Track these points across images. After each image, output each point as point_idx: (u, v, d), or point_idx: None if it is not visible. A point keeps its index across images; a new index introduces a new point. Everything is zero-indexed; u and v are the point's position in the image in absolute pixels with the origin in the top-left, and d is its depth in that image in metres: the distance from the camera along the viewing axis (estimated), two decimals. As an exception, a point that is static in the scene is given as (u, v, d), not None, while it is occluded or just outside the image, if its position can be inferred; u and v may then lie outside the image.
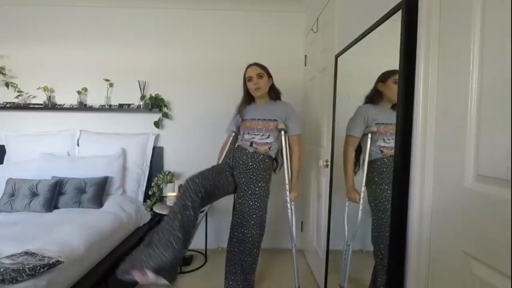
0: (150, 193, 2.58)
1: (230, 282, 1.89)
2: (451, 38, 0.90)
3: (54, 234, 1.67)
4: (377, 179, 1.36)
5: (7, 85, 2.67)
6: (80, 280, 1.55)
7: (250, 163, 1.85)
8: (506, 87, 0.71)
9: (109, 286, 1.72)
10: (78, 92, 2.69)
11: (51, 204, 2.19)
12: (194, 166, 2.66)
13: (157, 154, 2.79)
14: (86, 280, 1.57)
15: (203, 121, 2.77)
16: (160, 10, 2.75)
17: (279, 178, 2.03)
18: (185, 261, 2.49)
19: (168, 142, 2.84)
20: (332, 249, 1.85)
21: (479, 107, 0.79)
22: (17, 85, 2.71)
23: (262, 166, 1.87)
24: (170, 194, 2.49)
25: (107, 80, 2.71)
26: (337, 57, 1.78)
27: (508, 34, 0.70)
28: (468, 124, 0.82)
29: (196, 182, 1.66)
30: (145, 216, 2.48)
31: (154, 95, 2.70)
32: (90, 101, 2.77)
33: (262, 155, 1.87)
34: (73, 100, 2.71)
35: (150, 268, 1.40)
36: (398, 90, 1.09)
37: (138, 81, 2.73)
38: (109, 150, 2.59)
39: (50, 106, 2.68)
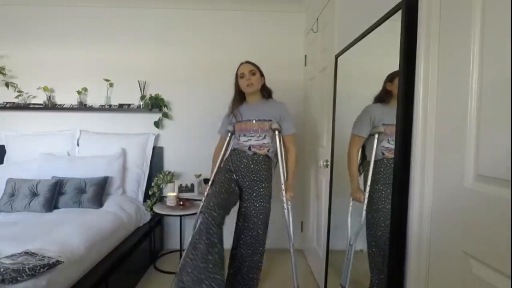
0: (150, 193, 2.58)
1: (235, 283, 1.89)
2: (451, 38, 0.90)
3: (54, 234, 1.67)
4: (373, 179, 1.36)
5: (7, 85, 2.67)
6: (80, 280, 1.55)
7: (252, 165, 1.84)
8: (506, 87, 0.71)
9: (109, 286, 1.72)
10: (78, 92, 2.69)
11: (51, 204, 2.19)
12: (194, 166, 2.70)
13: (157, 154, 2.79)
14: (86, 280, 1.57)
15: (203, 121, 2.78)
16: (160, 10, 2.76)
17: (276, 178, 2.02)
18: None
19: (168, 142, 2.84)
20: (332, 249, 1.85)
21: (479, 107, 0.79)
22: (17, 85, 2.71)
23: (264, 166, 1.87)
24: (170, 194, 2.49)
25: (107, 80, 2.71)
26: (337, 57, 1.78)
27: (508, 34, 0.70)
28: (468, 124, 0.82)
29: (215, 216, 1.60)
30: (145, 216, 2.49)
31: (154, 95, 2.70)
32: (90, 101, 2.77)
33: (262, 156, 1.86)
34: (73, 100, 2.72)
35: None
36: (398, 90, 1.09)
37: (138, 81, 2.73)
38: (109, 150, 2.59)
39: (50, 106, 2.68)
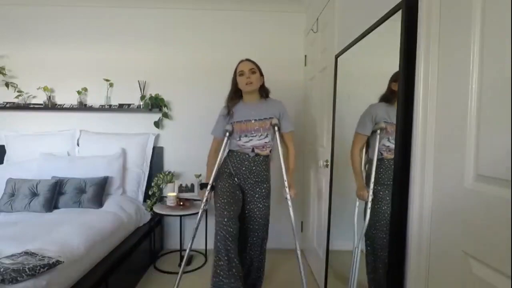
0: (150, 193, 2.58)
1: (248, 285, 1.90)
2: (451, 38, 0.90)
3: (54, 234, 1.67)
4: (375, 177, 1.36)
5: (7, 85, 2.67)
6: (80, 280, 1.55)
7: (254, 167, 1.83)
8: (506, 87, 0.71)
9: (109, 286, 1.72)
10: (78, 92, 2.69)
11: (51, 204, 2.19)
12: (194, 166, 2.69)
13: (157, 154, 2.79)
14: (86, 280, 1.57)
15: (203, 121, 2.76)
16: (160, 10, 2.75)
17: (277, 177, 2.02)
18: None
19: (168, 142, 2.84)
20: (332, 249, 1.85)
21: (479, 107, 0.79)
22: (17, 85, 2.71)
23: (264, 167, 1.87)
24: (170, 194, 2.49)
25: (107, 80, 2.71)
26: (337, 57, 1.78)
27: (508, 34, 0.70)
28: (468, 124, 0.82)
29: (231, 232, 1.64)
30: (145, 216, 2.49)
31: (154, 95, 2.70)
32: (90, 101, 2.77)
33: (263, 157, 1.85)
34: (73, 100, 2.71)
35: None
36: (398, 90, 1.09)
37: (138, 81, 2.73)
38: (109, 150, 2.59)
39: (50, 106, 2.68)
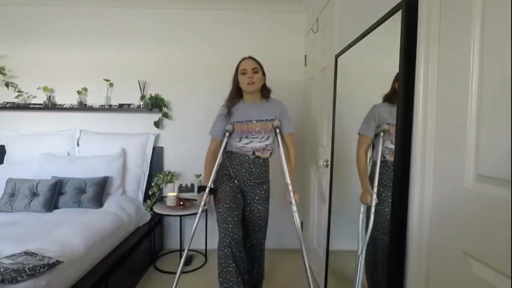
0: (150, 193, 2.58)
1: (249, 285, 1.89)
2: (451, 38, 0.90)
3: (54, 234, 1.67)
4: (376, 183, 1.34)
5: (7, 85, 2.67)
6: (80, 280, 1.55)
7: (254, 169, 1.80)
8: (506, 87, 0.71)
9: (109, 286, 1.72)
10: (78, 92, 2.69)
11: (51, 204, 2.19)
12: (194, 166, 2.69)
13: (157, 154, 2.79)
14: (86, 280, 1.57)
15: (203, 121, 2.76)
16: (160, 10, 2.75)
17: (277, 178, 2.02)
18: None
19: (168, 142, 2.84)
20: (332, 249, 1.85)
21: (479, 107, 0.79)
22: (17, 85, 2.71)
23: (264, 168, 1.84)
24: (170, 194, 2.49)
25: (107, 80, 2.71)
26: (337, 57, 1.78)
27: (508, 34, 0.70)
28: (468, 124, 0.82)
29: (237, 239, 1.62)
30: (145, 216, 2.49)
31: (154, 95, 2.70)
32: (90, 101, 2.77)
33: (263, 158, 1.82)
34: (73, 100, 2.71)
35: None
36: (398, 90, 1.09)
37: (138, 81, 2.73)
38: (109, 150, 2.59)
39: (50, 106, 2.68)
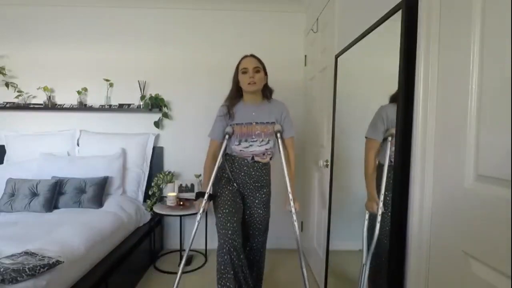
0: (150, 193, 2.59)
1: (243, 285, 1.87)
2: (451, 38, 0.90)
3: (54, 234, 1.67)
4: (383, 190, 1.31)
5: (7, 85, 2.67)
6: (80, 280, 1.55)
7: (253, 172, 1.74)
8: (506, 87, 0.71)
9: (109, 286, 1.72)
10: (78, 92, 2.69)
11: (51, 204, 2.19)
12: (194, 166, 2.69)
13: (157, 154, 2.79)
14: (86, 280, 1.57)
15: (203, 121, 2.76)
16: (160, 10, 2.76)
17: (278, 180, 2.00)
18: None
19: (168, 142, 2.84)
20: (332, 249, 1.85)
21: (479, 107, 0.79)
22: (17, 85, 2.71)
23: (265, 171, 1.78)
24: (170, 194, 2.49)
25: (107, 80, 2.71)
26: (337, 57, 1.78)
27: (508, 34, 0.70)
28: (468, 124, 0.82)
29: (237, 246, 1.57)
30: (145, 216, 2.49)
31: (154, 95, 2.70)
32: (90, 101, 2.77)
33: (262, 163, 1.76)
34: (73, 100, 2.71)
35: None
36: (398, 90, 1.09)
37: (138, 81, 2.73)
38: (109, 150, 2.59)
39: (50, 106, 2.68)
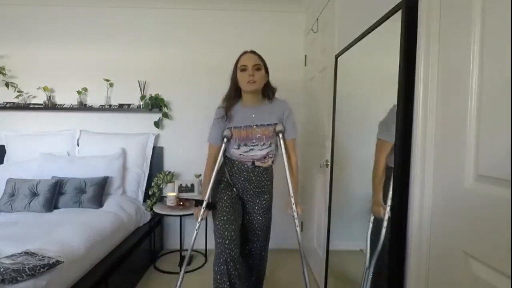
0: (150, 193, 2.59)
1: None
2: (451, 38, 0.90)
3: (54, 234, 1.67)
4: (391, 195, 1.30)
5: (7, 85, 2.67)
6: (80, 280, 1.55)
7: (254, 177, 1.64)
8: (506, 87, 0.71)
9: (109, 286, 1.72)
10: (78, 92, 2.69)
11: (51, 204, 2.19)
12: (194, 166, 2.69)
13: (157, 154, 2.79)
14: (86, 280, 1.57)
15: (203, 121, 2.75)
16: (160, 10, 2.76)
17: (278, 182, 1.99)
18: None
19: (168, 142, 2.84)
20: (332, 249, 1.85)
21: (479, 107, 0.79)
22: (17, 85, 2.71)
23: (266, 176, 1.67)
24: (170, 194, 2.49)
25: (107, 80, 2.71)
26: (337, 57, 1.78)
27: (508, 34, 0.70)
28: (468, 124, 0.82)
29: (234, 256, 1.51)
30: (145, 216, 2.49)
31: (154, 95, 2.70)
32: (90, 101, 2.77)
33: (263, 167, 1.66)
34: (73, 100, 2.71)
35: None
36: (398, 90, 1.09)
37: (138, 81, 2.73)
38: (109, 150, 2.59)
39: (50, 106, 2.68)
